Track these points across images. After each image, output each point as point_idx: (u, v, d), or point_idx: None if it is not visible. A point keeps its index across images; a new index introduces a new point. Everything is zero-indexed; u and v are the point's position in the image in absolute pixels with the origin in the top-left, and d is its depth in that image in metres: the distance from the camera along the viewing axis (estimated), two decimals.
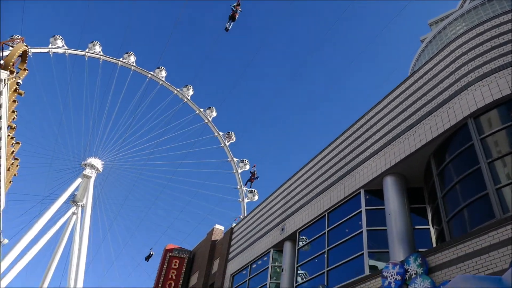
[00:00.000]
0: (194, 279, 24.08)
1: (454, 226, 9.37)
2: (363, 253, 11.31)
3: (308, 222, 14.82)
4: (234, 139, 67.88)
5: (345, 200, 13.24)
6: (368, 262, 11.05)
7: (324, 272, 12.70)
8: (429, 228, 11.27)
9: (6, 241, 28.54)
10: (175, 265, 25.20)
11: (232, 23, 32.63)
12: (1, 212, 17.96)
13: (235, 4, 31.50)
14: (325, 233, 13.55)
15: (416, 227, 11.38)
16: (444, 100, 10.77)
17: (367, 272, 10.85)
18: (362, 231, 11.74)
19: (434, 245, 10.51)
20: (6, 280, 51.74)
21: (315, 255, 13.73)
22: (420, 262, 9.05)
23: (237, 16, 31.83)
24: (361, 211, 12.19)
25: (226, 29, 32.24)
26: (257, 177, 36.29)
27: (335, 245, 12.84)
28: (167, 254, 25.62)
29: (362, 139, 13.68)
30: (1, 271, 38.04)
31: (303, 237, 15.08)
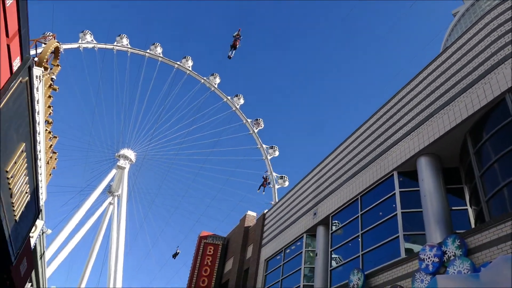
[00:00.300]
0: (229, 265, 24.49)
1: (494, 205, 9.04)
2: (398, 236, 11.13)
3: (340, 206, 14.70)
4: (263, 125, 67.77)
5: (378, 182, 13.01)
6: (403, 245, 10.87)
7: (359, 255, 12.61)
8: (466, 209, 10.94)
9: (49, 231, 29.80)
10: (209, 251, 25.67)
11: (234, 51, 34.70)
12: (43, 204, 18.70)
13: (236, 33, 33.39)
14: (358, 216, 13.41)
15: (453, 208, 11.06)
16: (480, 75, 10.30)
17: (403, 255, 10.68)
18: (396, 214, 11.54)
19: (473, 226, 10.20)
20: (51, 269, 54.30)
21: (349, 239, 13.64)
22: (459, 243, 8.82)
23: (238, 44, 33.55)
24: (394, 193, 11.96)
25: (229, 57, 34.57)
26: (269, 183, 36.77)
27: (369, 229, 12.69)
28: (202, 241, 26.11)
29: (394, 120, 13.35)
30: (46, 260, 39.91)
31: (336, 221, 14.99)
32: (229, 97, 65.24)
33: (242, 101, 66.14)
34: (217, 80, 64.30)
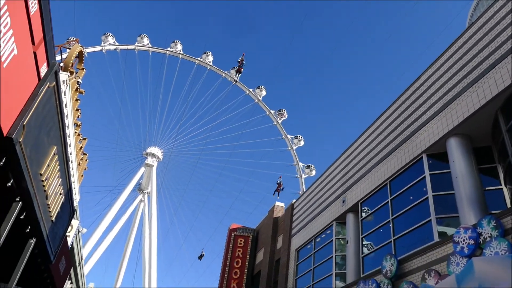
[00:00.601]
0: (260, 256, 24.68)
1: None
2: (430, 220, 10.91)
3: (369, 193, 14.52)
4: (286, 116, 67.46)
5: (406, 166, 12.77)
6: (436, 228, 10.65)
7: (391, 241, 12.45)
8: (501, 189, 10.59)
9: (84, 230, 30.79)
10: (240, 243, 25.93)
11: (239, 75, 39.10)
12: (77, 204, 19.29)
13: (240, 59, 38.01)
14: (388, 202, 13.22)
15: (487, 188, 10.73)
16: (509, 49, 9.89)
17: (436, 238, 10.48)
18: (427, 197, 11.31)
19: (509, 205, 9.88)
20: (89, 266, 56.14)
21: (380, 225, 13.48)
22: (495, 224, 8.56)
23: (242, 69, 38.27)
24: (424, 176, 11.70)
25: (235, 81, 39.93)
26: (282, 188, 38.74)
27: (400, 214, 12.50)
28: (232, 233, 26.39)
29: (420, 101, 13.02)
30: (83, 258, 41.28)
31: (366, 207, 14.83)
32: (251, 90, 65.23)
33: (264, 93, 66.02)
34: (238, 74, 64.25)
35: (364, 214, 14.74)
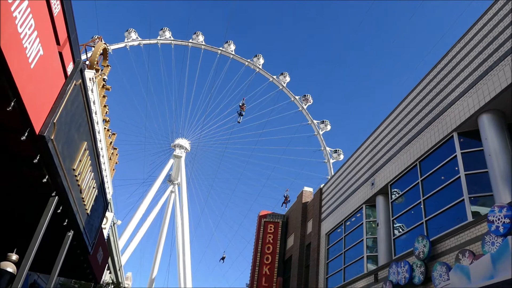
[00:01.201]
0: (290, 241, 24.83)
1: None
2: (463, 199, 10.66)
3: (398, 174, 14.29)
4: (311, 101, 66.89)
5: (437, 146, 12.46)
6: (470, 208, 10.40)
7: (422, 222, 12.25)
8: None
9: (119, 222, 31.78)
10: (270, 229, 26.15)
11: (241, 117, 46.00)
12: (111, 198, 19.91)
13: (241, 103, 44.72)
14: (418, 183, 12.98)
15: None
16: None
17: (470, 218, 10.23)
18: (459, 176, 11.02)
19: None
20: (125, 257, 58.04)
21: (410, 206, 13.27)
22: None
23: (243, 112, 45.28)
24: (456, 155, 11.39)
25: (238, 122, 46.51)
26: (289, 201, 41.19)
27: (431, 194, 12.26)
28: (262, 220, 26.63)
29: (449, 78, 12.62)
30: (120, 249, 42.72)
31: (395, 189, 14.62)
32: (274, 76, 64.89)
33: (288, 79, 65.52)
34: (261, 61, 64.05)
35: (394, 196, 14.54)
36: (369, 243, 15.86)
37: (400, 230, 13.82)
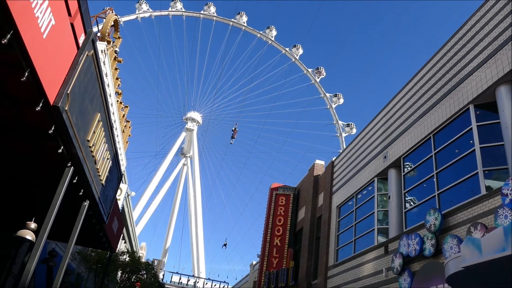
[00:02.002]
0: (301, 213, 25.08)
1: None
2: (477, 172, 10.55)
3: (412, 147, 14.16)
4: (324, 74, 65.99)
5: (452, 118, 12.25)
6: (484, 181, 10.30)
7: (435, 195, 12.22)
8: None
9: (133, 193, 32.37)
10: (281, 202, 26.39)
11: (233, 140, 54.04)
12: (124, 170, 20.20)
13: (233, 128, 53.32)
14: (432, 156, 12.86)
15: None
16: None
17: (483, 191, 10.15)
18: (474, 149, 10.88)
19: None
20: (140, 227, 59.44)
21: (423, 179, 13.21)
22: None
23: (235, 136, 53.20)
24: (471, 128, 11.21)
25: (230, 143, 53.88)
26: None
27: (444, 167, 12.16)
28: (273, 193, 26.86)
29: (467, 49, 12.25)
30: (134, 220, 43.70)
31: (408, 163, 14.53)
32: (287, 49, 63.94)
33: (301, 51, 64.55)
34: (274, 33, 62.99)
35: (406, 169, 14.47)
36: (380, 216, 15.94)
37: (412, 203, 13.83)
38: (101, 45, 15.71)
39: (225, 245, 64.19)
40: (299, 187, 27.00)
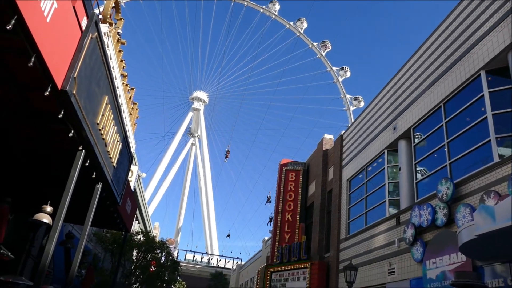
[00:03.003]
0: (312, 188, 25.19)
1: None
2: (489, 140, 10.43)
3: (422, 117, 14.01)
4: (330, 47, 65.01)
5: (462, 86, 12.04)
6: (496, 149, 10.20)
7: (446, 165, 12.15)
8: None
9: (144, 175, 32.69)
10: (291, 177, 26.49)
11: (227, 159, 58.77)
12: (134, 152, 20.32)
13: (226, 150, 57.64)
14: (442, 125, 12.72)
15: None
16: None
17: (496, 159, 10.06)
18: (486, 117, 10.72)
19: None
20: (152, 208, 60.32)
21: (434, 149, 13.12)
22: None
23: (228, 156, 58.19)
24: (483, 95, 11.02)
25: (225, 161, 54.66)
26: (270, 201, 46.26)
27: (455, 136, 12.04)
28: (283, 169, 26.94)
29: (477, 13, 11.90)
30: (146, 201, 44.31)
31: (418, 133, 14.41)
32: (291, 23, 62.87)
33: (305, 25, 63.43)
34: (277, 7, 61.83)
35: (416, 140, 14.37)
36: (390, 188, 15.95)
37: (423, 173, 13.78)
38: (103, 27, 15.56)
39: (228, 236, 71.90)
40: (309, 162, 27.03)
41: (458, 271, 9.16)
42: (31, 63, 4.65)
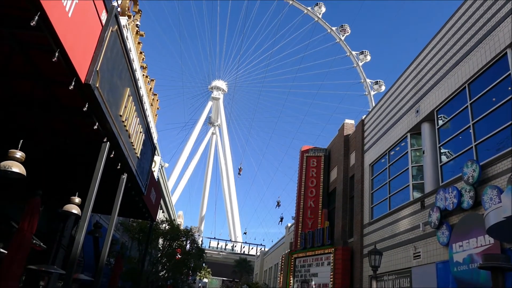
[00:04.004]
0: (334, 174, 25.08)
1: None
2: None
3: (445, 99, 13.68)
4: (349, 31, 63.91)
5: (488, 65, 11.67)
6: None
7: (472, 147, 11.88)
8: None
9: (166, 165, 33.18)
10: (313, 164, 26.42)
11: (240, 175, 62.99)
12: (156, 141, 20.62)
13: (239, 168, 60.55)
14: (467, 106, 12.40)
15: None
16: None
17: None
18: None
19: None
20: (175, 197, 61.24)
21: (458, 131, 12.83)
22: None
23: (241, 173, 62.13)
24: (510, 73, 10.66)
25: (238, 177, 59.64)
26: (279, 205, 48.80)
27: (481, 117, 11.72)
28: (304, 155, 26.87)
29: None
30: (170, 190, 45.05)
31: (442, 115, 14.10)
32: (309, 8, 62.04)
33: (323, 9, 62.48)
34: None
35: (441, 122, 14.07)
36: (414, 171, 15.72)
37: (448, 156, 13.53)
38: (122, 20, 15.71)
39: (245, 233, 76.24)
40: (330, 148, 26.87)
41: (486, 253, 9.03)
42: (55, 58, 4.77)
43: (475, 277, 10.20)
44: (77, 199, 9.11)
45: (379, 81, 63.16)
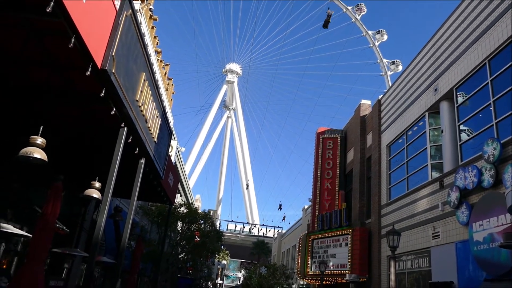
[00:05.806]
0: (350, 155, 24.92)
1: None
2: None
3: (465, 76, 13.35)
4: (365, 10, 62.61)
5: (509, 40, 11.30)
6: None
7: (492, 124, 11.61)
8: None
9: (183, 149, 33.48)
10: (329, 145, 26.27)
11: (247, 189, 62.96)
12: (172, 126, 20.77)
13: (247, 183, 59.36)
14: (488, 83, 12.07)
15: None
16: None
17: None
18: None
19: None
20: (192, 181, 61.98)
21: (479, 109, 12.54)
22: None
23: (248, 189, 61.10)
24: None
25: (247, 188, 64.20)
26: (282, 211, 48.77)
27: (502, 94, 11.42)
28: (320, 137, 26.72)
29: None
30: (187, 174, 45.52)
31: (461, 92, 13.78)
32: None
33: None
34: None
35: (460, 100, 13.76)
36: (432, 151, 15.49)
37: (468, 134, 13.27)
38: (136, 5, 15.67)
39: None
40: (346, 129, 26.64)
41: (507, 232, 8.92)
42: (71, 44, 4.80)
43: (496, 256, 10.10)
44: (97, 184, 9.30)
45: (396, 61, 61.95)
